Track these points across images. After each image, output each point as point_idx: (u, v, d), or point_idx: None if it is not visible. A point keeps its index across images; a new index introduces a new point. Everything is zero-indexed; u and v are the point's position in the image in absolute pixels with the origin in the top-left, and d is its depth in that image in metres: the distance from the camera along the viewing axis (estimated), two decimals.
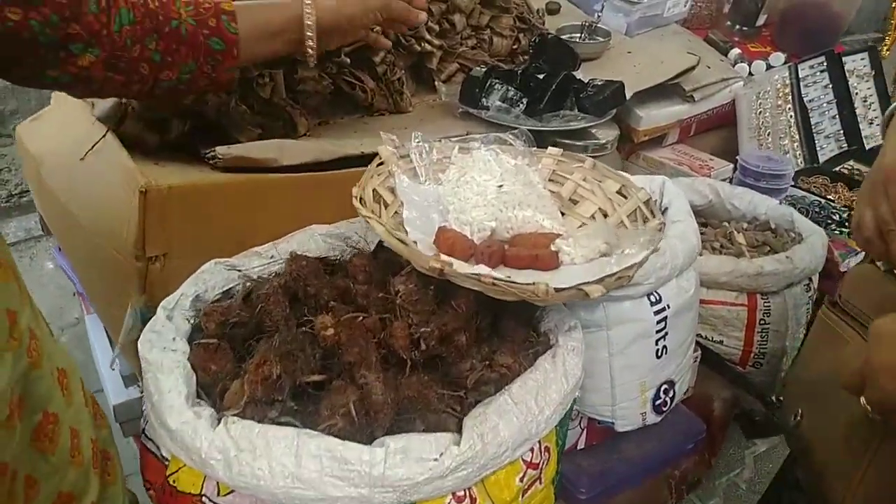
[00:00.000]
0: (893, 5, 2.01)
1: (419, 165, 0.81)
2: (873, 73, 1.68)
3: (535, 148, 0.88)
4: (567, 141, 1.09)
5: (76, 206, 0.86)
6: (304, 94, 1.03)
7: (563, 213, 0.83)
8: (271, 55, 0.89)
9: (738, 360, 1.03)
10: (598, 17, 1.41)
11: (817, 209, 1.35)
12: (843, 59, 1.63)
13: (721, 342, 1.02)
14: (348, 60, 1.05)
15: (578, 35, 1.38)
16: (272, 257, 0.80)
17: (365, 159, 0.87)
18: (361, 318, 0.63)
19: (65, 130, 0.94)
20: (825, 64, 1.60)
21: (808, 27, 1.64)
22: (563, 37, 1.35)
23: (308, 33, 0.86)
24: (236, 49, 0.81)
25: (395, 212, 0.75)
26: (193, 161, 0.89)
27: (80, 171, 0.86)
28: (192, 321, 0.70)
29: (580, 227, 0.80)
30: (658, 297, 0.82)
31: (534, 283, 0.58)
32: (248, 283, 0.76)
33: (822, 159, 1.58)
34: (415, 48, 1.12)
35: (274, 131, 0.99)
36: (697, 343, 0.96)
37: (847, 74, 1.64)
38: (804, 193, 1.42)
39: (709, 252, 1.04)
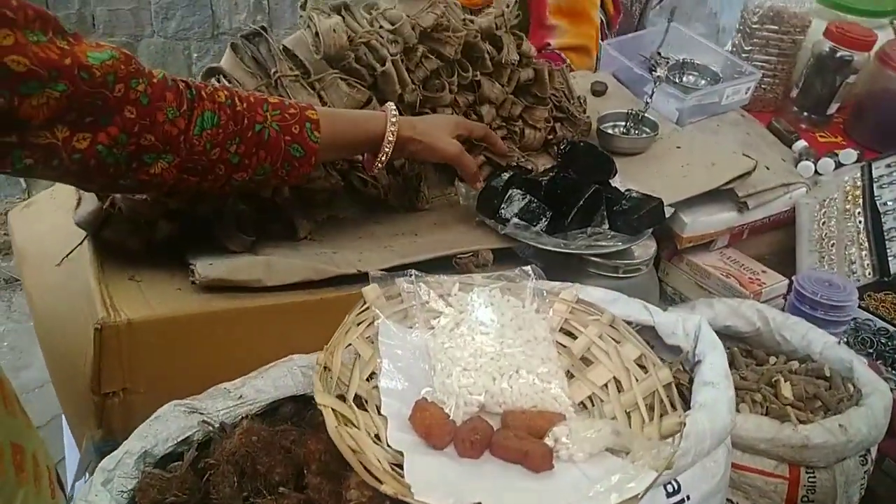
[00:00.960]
0: None
1: (409, 308, 0.71)
2: None
3: (546, 289, 0.77)
4: (595, 259, 0.98)
5: (44, 316, 0.80)
6: (310, 191, 0.96)
7: (572, 375, 0.73)
8: (341, 160, 0.94)
9: None
10: (647, 103, 1.29)
11: (884, 339, 1.19)
12: None
13: None
14: (360, 158, 0.98)
15: (623, 124, 1.27)
16: (240, 398, 0.72)
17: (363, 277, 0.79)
18: None
19: (53, 224, 0.89)
20: None
21: (889, 119, 1.47)
22: (604, 126, 1.24)
23: (386, 149, 0.85)
24: (315, 157, 0.79)
25: (373, 372, 0.66)
26: (177, 270, 0.82)
27: (54, 279, 0.81)
28: (133, 488, 0.62)
29: (584, 405, 0.69)
30: (676, 487, 0.70)
31: None
32: (210, 431, 0.68)
33: (894, 269, 1.41)
34: None
35: (271, 234, 0.92)
36: None
37: None
38: (870, 317, 1.25)
39: (748, 406, 0.90)
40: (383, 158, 0.86)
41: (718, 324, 1.05)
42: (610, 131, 1.23)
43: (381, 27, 0.95)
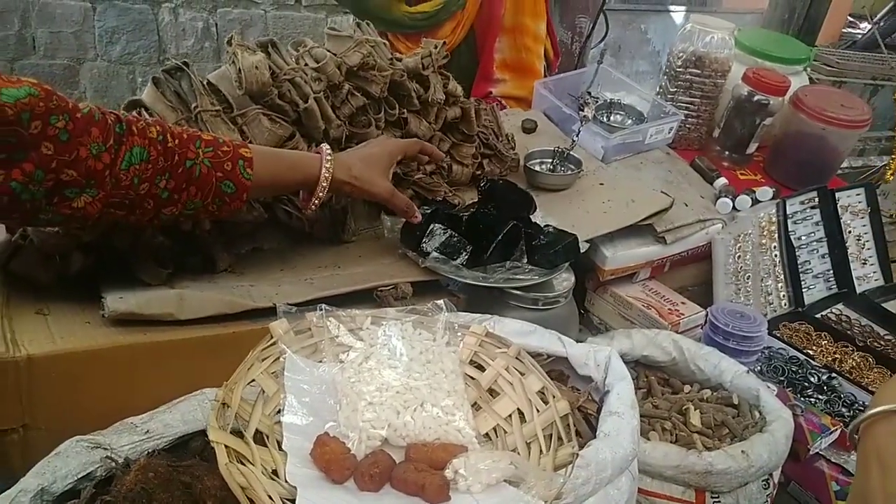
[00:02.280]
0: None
1: (319, 342, 0.72)
2: (869, 209, 1.60)
3: (458, 323, 0.79)
4: (516, 292, 1.00)
5: None
6: (233, 224, 0.96)
7: (479, 406, 0.74)
8: (270, 197, 0.95)
9: None
10: (574, 141, 1.34)
11: (794, 367, 1.24)
12: (837, 194, 1.55)
13: None
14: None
15: (550, 161, 1.32)
16: (147, 433, 0.71)
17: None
18: None
19: None
20: (816, 199, 1.52)
21: (803, 159, 1.56)
22: (530, 163, 1.28)
23: (319, 193, 0.87)
24: (247, 194, 0.80)
25: (276, 407, 0.66)
26: (88, 304, 0.81)
27: None
28: None
29: (489, 436, 0.70)
30: None
31: None
32: (113, 467, 0.67)
33: (809, 300, 1.48)
34: None
35: (190, 267, 0.92)
36: None
37: (840, 211, 1.56)
38: (783, 346, 1.31)
39: (657, 434, 0.94)
40: (316, 202, 0.88)
41: (636, 353, 1.09)
42: (536, 168, 1.27)
43: (306, 64, 0.98)
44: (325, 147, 0.89)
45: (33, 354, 0.68)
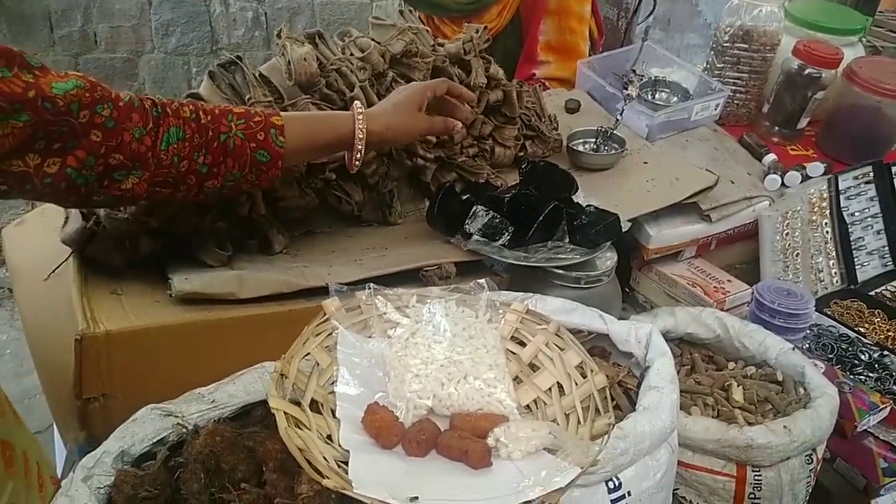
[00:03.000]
0: None
1: (368, 319, 0.77)
2: None
3: (499, 301, 0.82)
4: (558, 271, 1.03)
5: (34, 328, 0.86)
6: (287, 209, 1.02)
7: (520, 380, 0.78)
8: (313, 161, 0.97)
9: None
10: (618, 121, 1.35)
11: (844, 345, 1.23)
12: (894, 169, 1.50)
13: None
14: (334, 176, 1.03)
15: (593, 140, 1.32)
16: (213, 402, 0.77)
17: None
18: None
19: (43, 242, 0.95)
20: (871, 174, 1.48)
21: (857, 133, 1.52)
22: (573, 143, 1.29)
23: (358, 146, 0.89)
24: (281, 161, 0.83)
25: (330, 379, 0.71)
26: (157, 284, 0.88)
27: (42, 293, 0.87)
28: (109, 484, 0.67)
29: (530, 408, 0.74)
30: (617, 483, 0.75)
31: None
32: (183, 432, 0.74)
33: (862, 278, 1.45)
34: (406, 163, 1.09)
35: (248, 249, 0.98)
36: None
37: None
38: (833, 323, 1.29)
39: (699, 409, 0.95)
40: (358, 157, 0.90)
41: (680, 331, 1.10)
42: (579, 148, 1.29)
43: (351, 54, 1.01)
44: (357, 104, 0.90)
45: (111, 330, 0.75)
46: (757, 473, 0.90)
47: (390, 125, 0.92)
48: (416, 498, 0.55)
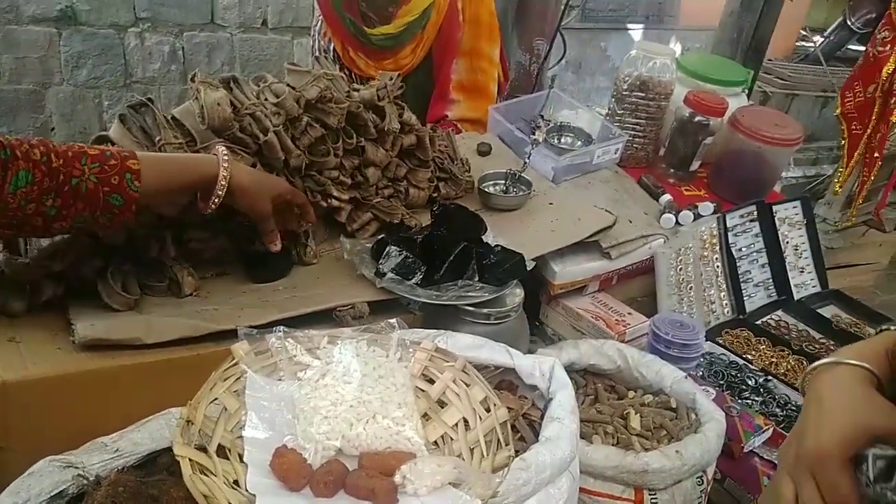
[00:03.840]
0: (842, 141, 2.05)
1: (278, 362, 0.78)
2: (805, 221, 1.70)
3: (409, 339, 0.85)
4: (468, 308, 1.07)
5: None
6: (197, 251, 1.02)
7: (429, 416, 0.81)
8: (169, 205, 0.94)
9: None
10: (525, 164, 1.42)
11: (733, 372, 1.33)
12: (775, 207, 1.65)
13: None
14: (247, 221, 1.04)
15: (503, 182, 1.39)
16: (117, 451, 0.76)
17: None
18: None
19: None
20: (755, 213, 1.62)
21: (742, 175, 1.67)
22: (484, 185, 1.36)
23: (219, 191, 0.89)
24: (135, 206, 0.82)
25: (238, 423, 0.71)
26: (59, 330, 0.86)
27: None
28: None
29: (437, 444, 0.77)
30: None
31: None
32: (84, 484, 0.72)
33: (750, 308, 1.58)
34: (321, 204, 1.11)
35: (157, 292, 0.97)
36: None
37: (778, 223, 1.66)
38: (724, 351, 1.40)
39: (601, 437, 1.01)
40: (216, 200, 0.90)
41: (584, 362, 1.16)
42: (490, 190, 1.35)
43: (266, 99, 1.04)
44: (222, 149, 0.92)
45: (7, 380, 0.73)
46: (653, 496, 0.96)
47: (251, 185, 0.93)
48: None
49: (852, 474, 0.54)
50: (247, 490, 0.64)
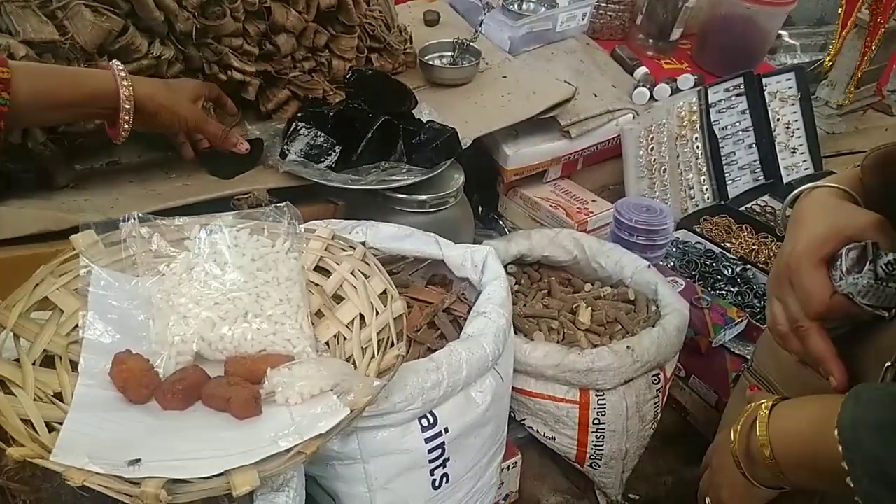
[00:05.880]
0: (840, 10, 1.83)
1: (135, 255, 0.65)
2: (799, 95, 1.52)
3: (302, 227, 0.72)
4: (400, 195, 0.93)
5: None
6: (72, 135, 0.87)
7: (322, 313, 0.68)
8: (64, 123, 0.83)
9: (575, 459, 0.89)
10: (477, 32, 1.24)
11: (708, 261, 1.20)
12: (765, 80, 1.47)
13: (553, 438, 0.88)
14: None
15: (450, 54, 1.21)
16: None
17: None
18: None
19: None
20: (742, 86, 1.44)
21: (729, 44, 1.47)
22: (427, 57, 1.18)
23: (126, 107, 0.77)
24: (4, 122, 0.70)
25: (76, 327, 0.59)
26: None
27: None
28: None
29: (328, 344, 0.65)
30: (432, 420, 0.67)
31: (141, 486, 0.43)
32: None
33: (733, 193, 1.43)
34: (220, 77, 0.95)
35: (23, 184, 0.83)
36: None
37: (768, 98, 1.48)
38: (700, 240, 1.27)
39: (544, 333, 0.89)
40: (126, 126, 0.78)
41: (537, 254, 1.04)
42: (433, 62, 1.17)
43: None
44: (117, 63, 0.79)
45: None
46: (601, 397, 0.85)
47: (162, 99, 0.81)
48: (138, 460, 0.46)
49: (825, 272, 0.55)
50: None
